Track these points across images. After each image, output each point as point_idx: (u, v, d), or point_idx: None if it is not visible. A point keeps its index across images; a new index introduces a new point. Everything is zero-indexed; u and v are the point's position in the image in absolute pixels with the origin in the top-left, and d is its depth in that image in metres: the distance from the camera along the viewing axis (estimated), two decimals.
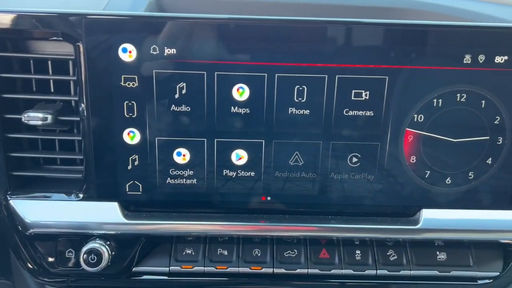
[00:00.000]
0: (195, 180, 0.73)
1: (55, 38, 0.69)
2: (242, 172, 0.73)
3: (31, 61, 0.72)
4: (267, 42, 0.67)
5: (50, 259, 0.75)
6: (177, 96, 0.69)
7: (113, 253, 0.74)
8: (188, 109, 0.70)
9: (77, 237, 0.74)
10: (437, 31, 0.67)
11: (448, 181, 0.74)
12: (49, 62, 0.73)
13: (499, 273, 0.79)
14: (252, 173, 0.73)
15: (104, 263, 0.71)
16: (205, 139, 0.71)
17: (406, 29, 0.67)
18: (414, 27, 0.67)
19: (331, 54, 0.68)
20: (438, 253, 0.79)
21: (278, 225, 0.75)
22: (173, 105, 0.69)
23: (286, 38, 0.67)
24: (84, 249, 0.72)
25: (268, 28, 0.67)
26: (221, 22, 0.66)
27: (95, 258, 0.71)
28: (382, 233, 0.75)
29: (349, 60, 0.68)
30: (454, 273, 0.78)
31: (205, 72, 0.68)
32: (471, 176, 0.74)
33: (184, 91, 0.69)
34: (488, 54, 0.68)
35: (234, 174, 0.73)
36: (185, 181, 0.73)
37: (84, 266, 0.71)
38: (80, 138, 0.73)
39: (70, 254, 0.75)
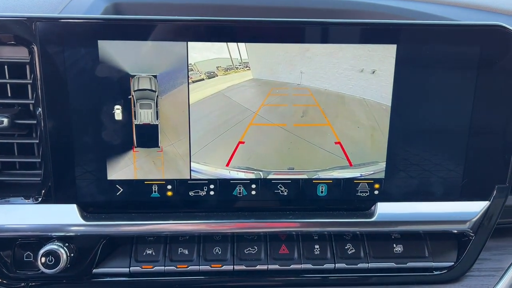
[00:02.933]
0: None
1: (9, 42, 0.69)
2: None
3: None
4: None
5: (8, 263, 0.75)
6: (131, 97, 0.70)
7: (72, 254, 0.74)
8: None
9: (36, 240, 0.74)
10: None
11: (402, 175, 0.76)
12: (6, 66, 0.73)
13: (453, 263, 0.82)
14: None
15: (62, 264, 0.72)
16: None
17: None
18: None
19: None
20: (394, 245, 0.81)
21: (238, 222, 0.76)
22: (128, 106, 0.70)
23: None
24: (42, 251, 0.72)
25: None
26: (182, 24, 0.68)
27: (53, 260, 0.71)
28: (339, 226, 0.77)
29: None
30: (410, 264, 0.80)
31: None
32: (423, 169, 0.76)
33: None
34: None
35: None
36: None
37: (41, 268, 0.71)
38: (37, 141, 0.73)
39: (29, 257, 0.75)
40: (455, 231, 0.79)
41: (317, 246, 0.80)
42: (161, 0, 0.87)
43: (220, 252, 0.79)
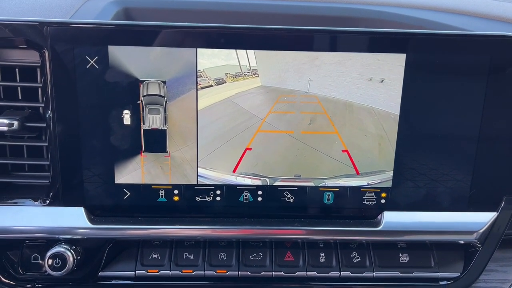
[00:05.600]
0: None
1: (21, 46, 0.70)
2: None
3: None
4: None
5: (15, 264, 0.76)
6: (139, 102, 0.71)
7: (79, 257, 0.74)
8: None
9: (43, 242, 0.75)
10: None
11: (409, 184, 0.76)
12: (17, 69, 0.74)
13: (459, 274, 0.81)
14: None
15: (69, 267, 0.72)
16: None
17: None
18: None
19: None
20: (400, 254, 0.80)
21: (243, 228, 0.76)
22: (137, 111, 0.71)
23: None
24: (49, 253, 0.72)
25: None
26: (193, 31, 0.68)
27: (60, 262, 0.72)
28: (344, 235, 0.76)
29: None
30: (416, 274, 0.80)
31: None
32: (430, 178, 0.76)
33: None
34: None
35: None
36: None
37: (48, 270, 0.72)
38: (46, 144, 0.74)
39: (36, 259, 0.75)
40: (462, 242, 0.79)
41: (323, 254, 0.80)
42: (171, 6, 0.87)
43: (225, 258, 0.79)
